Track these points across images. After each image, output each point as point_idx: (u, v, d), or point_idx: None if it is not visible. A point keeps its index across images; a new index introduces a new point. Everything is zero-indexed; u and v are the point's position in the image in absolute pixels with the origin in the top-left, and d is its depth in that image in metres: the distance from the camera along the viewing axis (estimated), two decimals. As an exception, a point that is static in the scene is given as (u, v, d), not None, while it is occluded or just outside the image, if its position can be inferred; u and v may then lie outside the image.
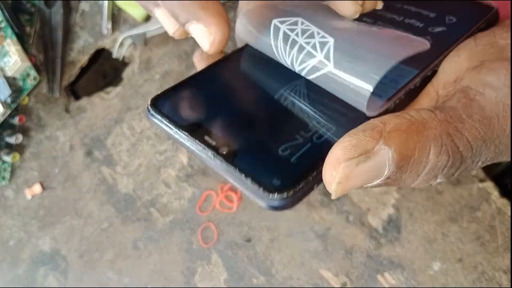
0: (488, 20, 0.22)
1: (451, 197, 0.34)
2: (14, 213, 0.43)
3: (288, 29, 0.20)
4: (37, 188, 0.42)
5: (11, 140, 0.41)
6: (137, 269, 0.39)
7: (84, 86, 0.45)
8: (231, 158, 0.17)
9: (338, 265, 0.35)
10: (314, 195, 0.36)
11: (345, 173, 0.13)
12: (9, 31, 0.39)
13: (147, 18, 0.40)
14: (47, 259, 0.41)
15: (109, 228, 0.40)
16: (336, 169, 0.14)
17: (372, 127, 0.14)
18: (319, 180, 0.16)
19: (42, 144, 0.42)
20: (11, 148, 0.42)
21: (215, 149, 0.18)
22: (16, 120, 0.41)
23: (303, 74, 0.20)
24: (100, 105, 0.41)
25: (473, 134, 0.15)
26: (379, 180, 0.14)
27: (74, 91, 0.44)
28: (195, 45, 0.40)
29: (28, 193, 0.42)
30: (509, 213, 0.33)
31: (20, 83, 0.40)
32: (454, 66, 0.19)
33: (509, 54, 0.18)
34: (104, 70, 0.47)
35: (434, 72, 0.20)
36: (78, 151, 0.41)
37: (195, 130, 0.19)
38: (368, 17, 0.23)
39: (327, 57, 0.19)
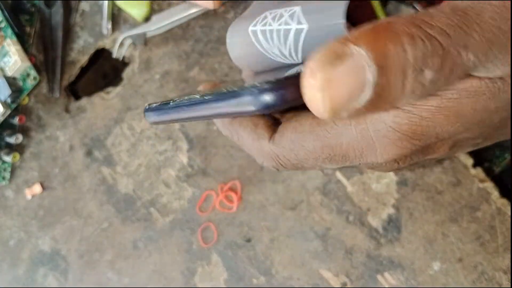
0: None
1: (451, 197, 0.34)
2: (14, 213, 0.43)
3: (262, 25, 0.21)
4: (37, 188, 0.42)
5: (11, 140, 0.41)
6: (137, 269, 0.39)
7: (84, 86, 0.45)
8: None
9: (338, 265, 0.35)
10: (314, 195, 0.36)
11: (324, 77, 0.13)
12: (9, 31, 0.39)
13: (147, 18, 0.40)
14: (47, 259, 0.41)
15: (109, 228, 0.40)
16: (315, 78, 0.13)
17: (339, 37, 0.14)
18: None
19: (42, 144, 0.42)
20: (11, 148, 0.42)
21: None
22: (16, 120, 0.41)
23: (292, 52, 0.21)
24: (100, 105, 0.41)
25: (444, 22, 0.14)
26: (368, 91, 0.13)
27: (74, 91, 0.44)
28: (195, 45, 0.40)
29: (28, 193, 0.42)
30: (509, 213, 0.33)
31: (20, 83, 0.40)
32: None
33: None
34: (104, 70, 0.47)
35: None
36: (78, 151, 0.41)
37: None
38: None
39: (299, 22, 0.20)
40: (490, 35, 0.14)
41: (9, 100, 0.39)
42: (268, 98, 0.16)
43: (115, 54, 0.41)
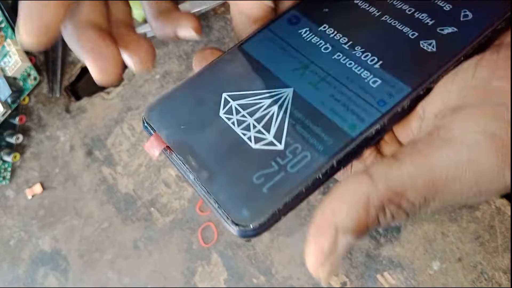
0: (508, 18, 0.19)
1: (450, 197, 0.34)
2: (14, 213, 0.43)
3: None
4: (37, 188, 0.42)
5: (12, 140, 0.41)
6: (137, 269, 0.39)
7: (85, 86, 0.45)
8: (208, 184, 0.17)
9: (338, 265, 0.35)
10: (314, 195, 0.36)
11: (323, 275, 0.17)
12: (10, 31, 0.39)
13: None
14: (47, 259, 0.41)
15: (109, 228, 0.40)
16: (317, 274, 0.17)
17: (327, 223, 0.16)
18: (288, 211, 0.17)
19: (43, 144, 0.42)
20: (11, 148, 0.42)
21: (195, 171, 0.17)
22: (16, 120, 0.41)
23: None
24: (101, 105, 0.41)
25: (415, 198, 0.16)
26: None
27: (75, 91, 0.44)
28: (195, 45, 0.40)
29: (29, 193, 0.42)
30: (509, 213, 0.33)
31: (21, 83, 0.40)
32: (443, 95, 0.18)
33: (500, 99, 0.16)
34: (104, 70, 0.47)
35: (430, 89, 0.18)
36: (79, 151, 0.42)
37: (181, 147, 0.18)
38: (379, 7, 0.21)
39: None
40: (463, 200, 0.17)
41: (9, 100, 0.39)
42: (245, 234, 0.16)
43: (115, 54, 0.41)
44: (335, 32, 0.21)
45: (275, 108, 0.19)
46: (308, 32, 0.21)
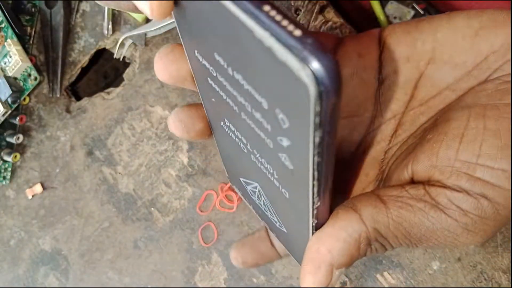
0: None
1: (450, 197, 0.34)
2: (14, 213, 0.43)
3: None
4: (37, 188, 0.42)
5: (12, 140, 0.41)
6: (138, 268, 0.39)
7: (85, 86, 0.45)
8: None
9: (338, 264, 0.35)
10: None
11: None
12: (10, 31, 0.39)
13: (148, 19, 0.40)
14: (48, 258, 0.42)
15: (110, 228, 0.40)
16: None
17: (322, 261, 0.18)
18: None
19: (43, 144, 0.42)
20: (12, 148, 0.42)
21: None
22: (17, 120, 0.41)
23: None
24: (101, 105, 0.41)
25: (395, 243, 0.19)
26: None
27: (75, 91, 0.44)
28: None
29: (29, 193, 0.42)
30: (508, 213, 0.33)
31: (21, 83, 0.40)
32: (428, 169, 0.19)
33: (482, 190, 0.17)
34: (104, 71, 0.47)
35: None
36: (79, 151, 0.42)
37: None
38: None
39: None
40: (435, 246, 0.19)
41: (9, 100, 0.39)
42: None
43: (115, 55, 0.41)
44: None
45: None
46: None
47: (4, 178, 0.42)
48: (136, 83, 0.41)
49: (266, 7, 0.12)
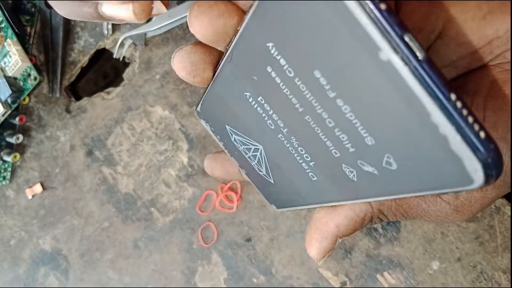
0: None
1: (450, 197, 0.34)
2: (14, 213, 0.43)
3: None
4: (37, 188, 0.42)
5: (12, 140, 0.41)
6: (138, 268, 0.39)
7: (85, 86, 0.45)
8: None
9: (337, 264, 0.35)
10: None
11: (323, 262, 0.23)
12: (10, 31, 0.39)
13: (148, 19, 0.40)
14: (48, 258, 0.42)
15: (110, 227, 0.40)
16: (318, 262, 0.23)
17: (330, 233, 0.21)
18: None
19: (43, 144, 0.42)
20: (11, 148, 0.42)
21: None
22: (16, 120, 0.41)
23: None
24: (101, 105, 0.41)
25: (392, 218, 0.22)
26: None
27: (75, 91, 0.44)
28: (195, 45, 0.40)
29: (29, 193, 0.42)
30: (509, 213, 0.33)
31: (21, 83, 0.40)
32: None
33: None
34: (104, 70, 0.47)
35: None
36: (79, 151, 0.42)
37: None
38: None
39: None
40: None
41: (9, 100, 0.39)
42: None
43: (115, 55, 0.41)
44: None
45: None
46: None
47: (4, 178, 0.42)
48: (136, 83, 0.41)
49: (453, 96, 0.12)
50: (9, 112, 0.39)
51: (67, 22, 0.42)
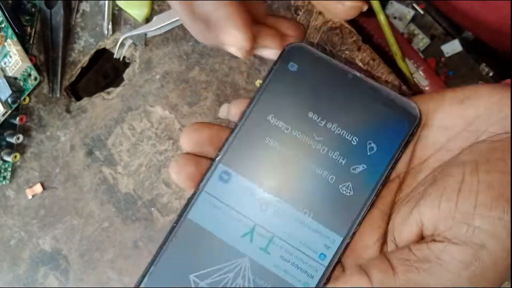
0: (412, 133, 0.22)
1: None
2: (14, 213, 0.43)
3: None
4: (37, 188, 0.42)
5: (12, 140, 0.41)
6: (138, 268, 0.39)
7: (85, 86, 0.45)
8: None
9: (338, 264, 0.35)
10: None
11: None
12: (10, 31, 0.39)
13: (148, 19, 0.40)
14: (48, 259, 0.42)
15: (110, 227, 0.40)
16: None
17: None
18: None
19: (43, 144, 0.42)
20: (12, 148, 0.42)
21: None
22: (17, 120, 0.41)
23: None
24: (101, 105, 0.41)
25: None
26: None
27: (75, 91, 0.44)
28: (195, 45, 0.40)
29: (29, 193, 0.42)
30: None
31: (21, 83, 0.40)
32: (428, 222, 0.21)
33: (481, 240, 0.19)
34: (104, 70, 0.48)
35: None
36: (79, 151, 0.42)
37: None
38: (297, 150, 0.22)
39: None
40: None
41: (9, 100, 0.39)
42: None
43: (115, 55, 0.41)
44: (265, 187, 0.22)
45: (239, 280, 0.21)
46: (242, 190, 0.22)
47: (4, 178, 0.42)
48: (136, 83, 0.41)
49: None
50: (9, 112, 0.39)
51: (67, 22, 0.42)
